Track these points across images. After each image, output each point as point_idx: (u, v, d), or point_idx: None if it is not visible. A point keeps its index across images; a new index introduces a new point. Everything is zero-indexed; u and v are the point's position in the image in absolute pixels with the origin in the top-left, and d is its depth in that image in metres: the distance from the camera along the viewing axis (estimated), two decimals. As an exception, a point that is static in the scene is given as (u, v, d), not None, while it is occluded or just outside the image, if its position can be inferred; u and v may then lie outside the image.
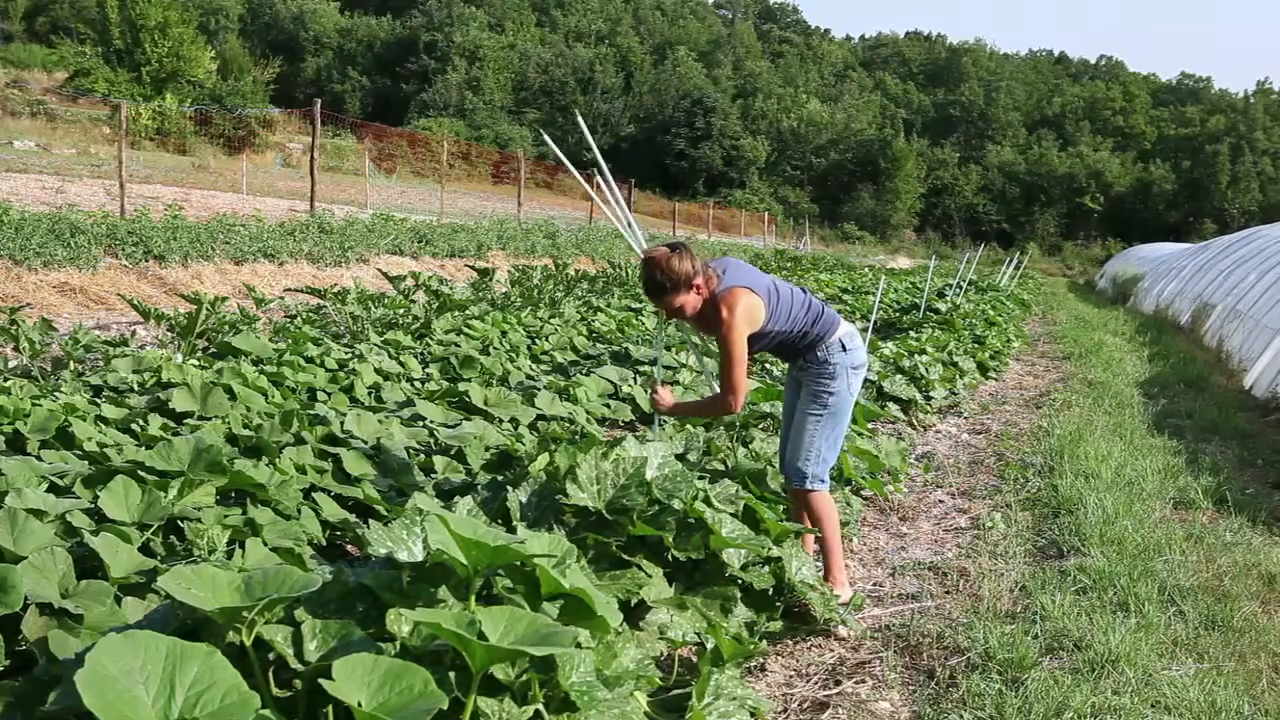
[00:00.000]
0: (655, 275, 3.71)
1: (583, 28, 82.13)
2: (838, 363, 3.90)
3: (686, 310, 3.78)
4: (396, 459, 4.38)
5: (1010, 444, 7.24)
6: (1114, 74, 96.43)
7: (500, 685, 2.26)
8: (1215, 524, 5.34)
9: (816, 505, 3.99)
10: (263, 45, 64.96)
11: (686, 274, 3.70)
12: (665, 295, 3.73)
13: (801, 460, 3.95)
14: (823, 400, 3.92)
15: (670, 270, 3.69)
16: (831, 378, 3.90)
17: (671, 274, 3.69)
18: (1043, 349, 13.93)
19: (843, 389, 3.92)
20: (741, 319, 3.71)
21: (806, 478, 3.96)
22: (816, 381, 3.92)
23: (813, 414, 3.93)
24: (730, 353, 3.72)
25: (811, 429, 3.93)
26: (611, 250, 21.69)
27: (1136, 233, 62.58)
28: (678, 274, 3.69)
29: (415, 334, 8.23)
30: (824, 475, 3.98)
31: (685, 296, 3.73)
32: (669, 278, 3.69)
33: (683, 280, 3.70)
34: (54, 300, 9.60)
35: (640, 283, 3.87)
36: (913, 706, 3.22)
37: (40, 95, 37.00)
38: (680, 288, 3.71)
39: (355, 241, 14.53)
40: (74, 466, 3.56)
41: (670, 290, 3.71)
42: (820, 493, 3.98)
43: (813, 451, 3.94)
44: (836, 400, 3.92)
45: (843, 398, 3.93)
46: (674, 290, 3.71)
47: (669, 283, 3.70)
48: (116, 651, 1.79)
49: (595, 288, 13.77)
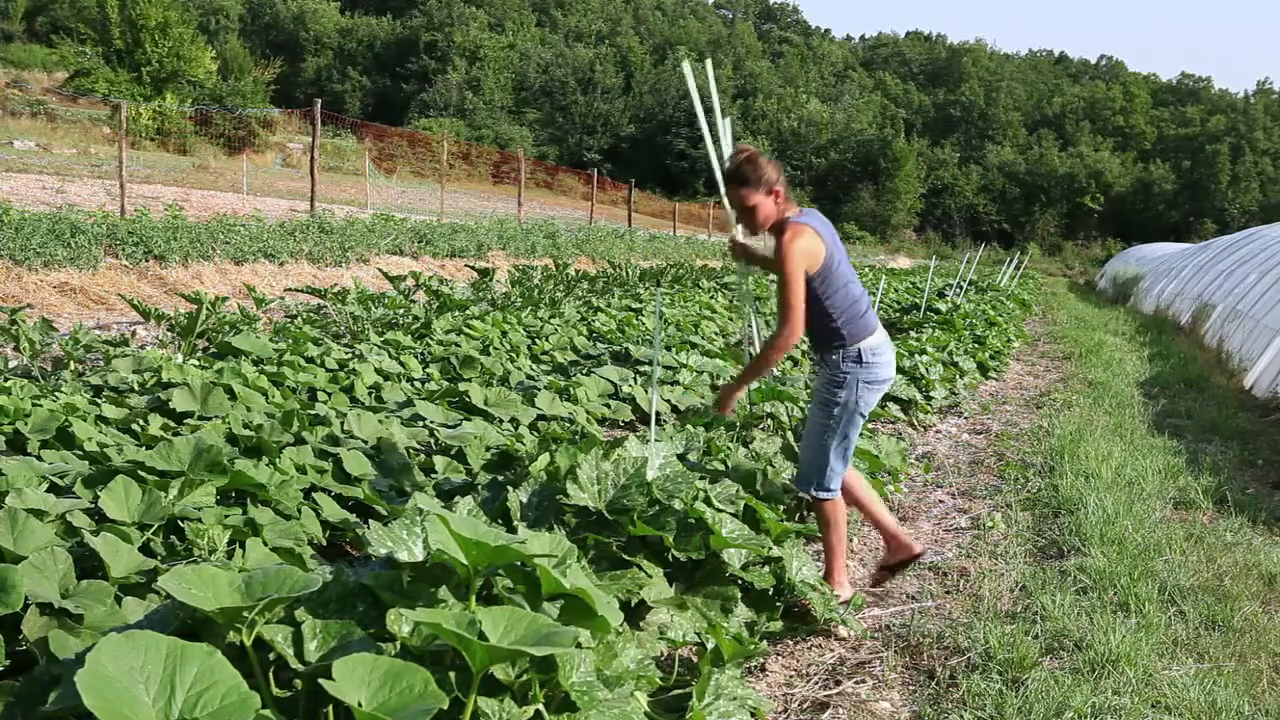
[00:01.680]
0: (743, 165, 3.72)
1: (583, 28, 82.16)
2: (849, 374, 3.78)
3: (758, 216, 3.74)
4: (397, 459, 4.37)
5: (1010, 444, 7.24)
6: (1114, 74, 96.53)
7: (500, 685, 2.26)
8: (1215, 524, 5.33)
9: (823, 510, 3.95)
10: (263, 45, 64.99)
11: (770, 178, 3.69)
12: (745, 187, 3.70)
13: (808, 468, 3.90)
14: (829, 409, 3.82)
15: (758, 166, 3.69)
16: (839, 386, 3.79)
17: (758, 169, 3.68)
18: (1043, 349, 13.93)
19: (849, 400, 3.79)
20: (800, 251, 3.64)
21: (812, 484, 3.91)
22: (825, 388, 3.84)
23: (819, 421, 3.85)
24: (787, 280, 3.64)
25: (818, 438, 3.85)
26: (612, 250, 21.69)
27: (1137, 233, 62.61)
28: (763, 171, 3.68)
29: (415, 334, 8.23)
30: (832, 485, 3.89)
31: (761, 198, 3.71)
32: (755, 173, 3.68)
33: (764, 180, 3.69)
34: (54, 300, 9.59)
35: (725, 174, 3.82)
36: (913, 706, 3.22)
37: (40, 95, 37.01)
38: (760, 187, 3.69)
39: (355, 241, 14.53)
40: (74, 466, 3.56)
41: (751, 184, 3.69)
42: (830, 499, 3.91)
43: (819, 461, 3.86)
44: (841, 412, 3.80)
45: (848, 411, 3.80)
46: (755, 186, 3.68)
47: (753, 177, 3.68)
48: (117, 651, 1.79)
49: (595, 288, 13.77)
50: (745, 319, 4.76)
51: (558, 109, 70.26)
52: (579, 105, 70.22)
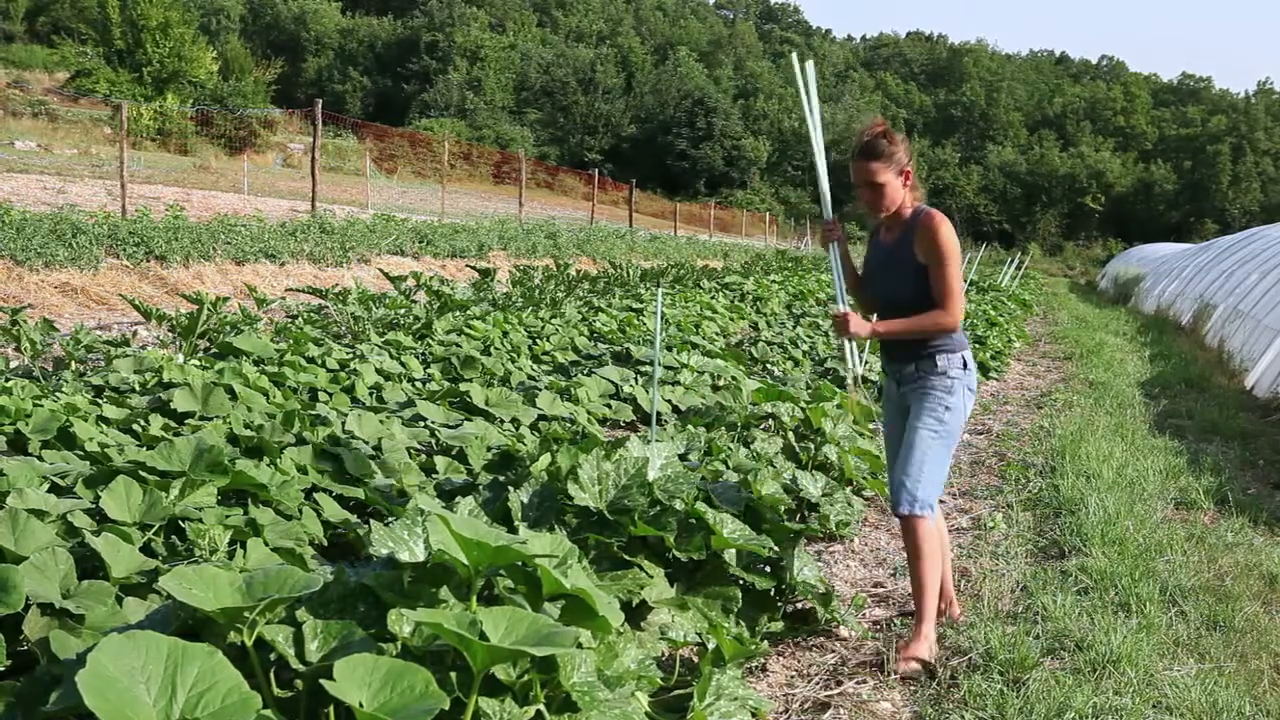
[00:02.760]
0: (879, 138, 3.51)
1: (584, 28, 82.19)
2: (957, 378, 3.57)
3: (885, 197, 3.54)
4: (398, 459, 4.37)
5: (1012, 444, 7.24)
6: (1115, 74, 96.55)
7: (501, 685, 2.26)
8: (1217, 524, 5.33)
9: (920, 535, 3.52)
10: (264, 45, 65.01)
11: (903, 157, 3.52)
12: (877, 160, 3.49)
13: (911, 479, 3.52)
14: (939, 415, 3.54)
15: (893, 141, 3.51)
16: (949, 392, 3.55)
17: (893, 145, 3.50)
18: (1044, 349, 13.92)
19: (959, 407, 3.57)
20: (954, 239, 3.49)
21: (916, 501, 3.51)
22: (932, 395, 3.56)
23: (928, 429, 3.54)
24: (947, 267, 3.45)
25: (924, 445, 3.53)
26: (613, 250, 21.70)
27: (1138, 233, 62.60)
28: (897, 148, 3.50)
29: (416, 334, 8.23)
30: (933, 501, 3.55)
31: (891, 177, 3.52)
32: (890, 148, 3.49)
33: (896, 159, 3.51)
34: (55, 300, 9.60)
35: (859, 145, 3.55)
36: (914, 707, 3.22)
37: (41, 95, 37.03)
38: (892, 164, 3.50)
39: (356, 242, 14.54)
40: (75, 467, 3.55)
41: (884, 158, 3.49)
42: (926, 520, 3.52)
43: (925, 471, 3.52)
44: (953, 418, 3.56)
45: (958, 417, 3.58)
46: (887, 162, 3.49)
47: (887, 151, 3.49)
48: (118, 652, 1.79)
49: (596, 288, 13.77)
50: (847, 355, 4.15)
51: (559, 109, 70.29)
52: (580, 105, 70.26)
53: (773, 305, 14.11)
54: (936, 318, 3.50)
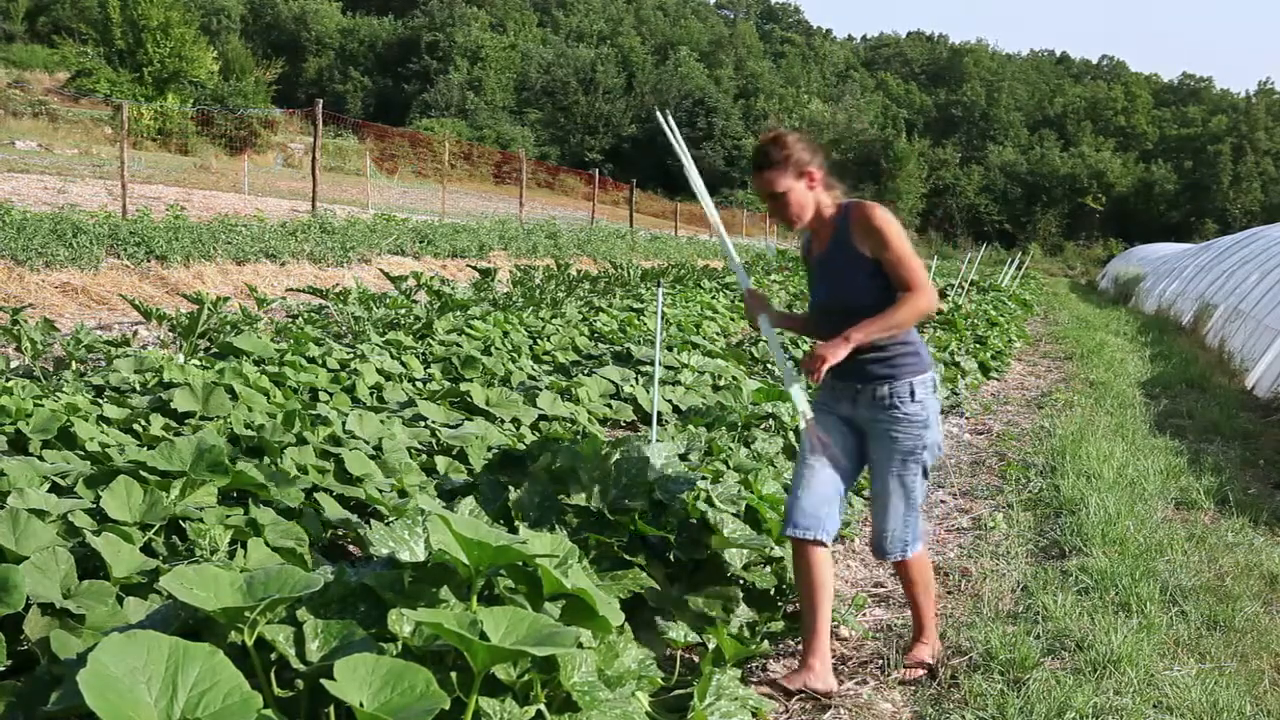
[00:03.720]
0: (767, 146, 3.21)
1: (584, 28, 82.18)
2: (932, 408, 3.25)
3: (790, 203, 3.21)
4: (398, 459, 4.38)
5: (1012, 444, 7.23)
6: (1116, 74, 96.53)
7: (502, 685, 2.26)
8: (1217, 524, 5.33)
9: (917, 570, 3.38)
10: (264, 45, 64.98)
11: (802, 158, 3.18)
12: (770, 170, 3.18)
13: (902, 527, 3.29)
14: (917, 455, 3.23)
15: (785, 145, 3.19)
16: (925, 426, 3.22)
17: (784, 149, 3.18)
18: (1044, 349, 13.92)
19: (934, 440, 3.27)
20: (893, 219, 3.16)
21: (909, 546, 3.33)
22: (908, 432, 3.21)
23: (913, 475, 3.26)
24: (898, 247, 3.13)
25: (908, 492, 3.26)
26: (613, 250, 21.70)
27: (1138, 233, 62.55)
28: (791, 151, 3.17)
29: (417, 334, 8.23)
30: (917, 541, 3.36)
31: (793, 182, 3.18)
32: (781, 152, 3.17)
33: (794, 161, 3.17)
34: (56, 300, 9.60)
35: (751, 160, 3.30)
36: (914, 707, 3.22)
37: (42, 95, 37.02)
38: (789, 169, 3.17)
39: (357, 242, 14.54)
40: (76, 466, 3.56)
41: (778, 166, 3.17)
42: (919, 556, 3.38)
43: (911, 515, 3.30)
44: (929, 455, 3.27)
45: (932, 450, 3.28)
46: (782, 168, 3.17)
47: (779, 157, 3.17)
48: (119, 651, 1.79)
49: (597, 288, 13.77)
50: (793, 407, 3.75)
51: (559, 109, 70.27)
52: (580, 105, 70.25)
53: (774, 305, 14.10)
54: (912, 302, 3.10)
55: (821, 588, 3.21)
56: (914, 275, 3.12)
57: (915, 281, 3.11)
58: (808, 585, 3.23)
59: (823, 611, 3.22)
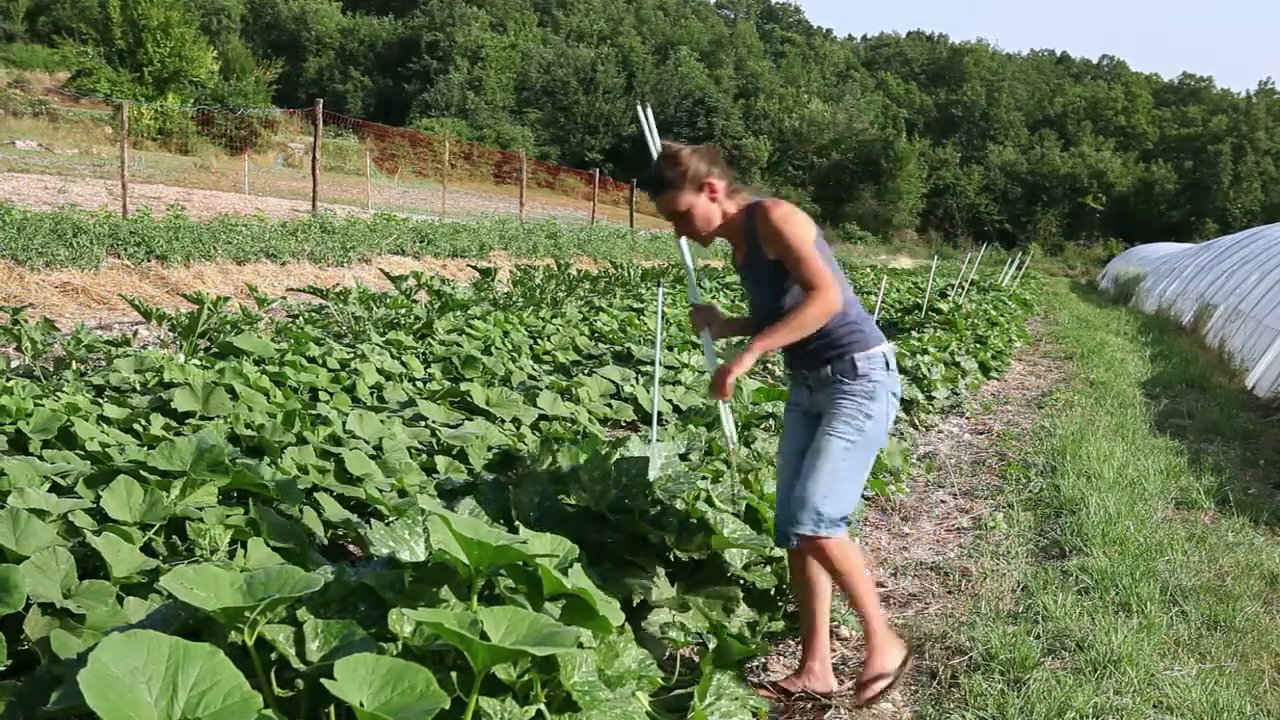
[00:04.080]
0: (659, 168, 3.11)
1: (585, 27, 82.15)
2: (880, 381, 3.07)
3: (694, 218, 3.12)
4: (398, 459, 4.38)
5: (1012, 444, 7.23)
6: (1116, 74, 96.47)
7: (502, 685, 2.26)
8: (1217, 524, 5.33)
9: (832, 554, 3.03)
10: (265, 45, 64.96)
11: (698, 170, 3.07)
12: (668, 191, 3.10)
13: (819, 494, 2.99)
14: (857, 423, 3.03)
15: (678, 161, 3.08)
16: (870, 398, 3.05)
17: (678, 165, 3.08)
18: (1045, 349, 13.92)
19: (881, 415, 3.08)
20: (796, 218, 3.02)
21: (822, 519, 2.99)
22: (851, 400, 3.05)
23: (843, 438, 3.03)
24: (797, 247, 2.98)
25: (837, 456, 3.02)
26: (613, 250, 21.70)
27: (1139, 233, 62.49)
28: (685, 166, 3.07)
29: (417, 334, 8.23)
30: (840, 519, 3.04)
31: (692, 198, 3.09)
32: (675, 170, 3.07)
33: (690, 177, 3.07)
34: (56, 300, 9.60)
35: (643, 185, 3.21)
36: (915, 706, 3.22)
37: (42, 95, 37.02)
38: (687, 185, 3.08)
39: (357, 241, 14.55)
40: (76, 466, 3.56)
41: (674, 185, 3.08)
42: (838, 538, 3.03)
43: (836, 485, 3.01)
44: (874, 427, 3.06)
45: (880, 426, 3.09)
46: (680, 186, 3.08)
47: (673, 176, 3.08)
48: (119, 651, 1.79)
49: (597, 288, 13.77)
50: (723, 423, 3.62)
51: (559, 109, 70.24)
52: (581, 105, 70.21)
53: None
54: (813, 304, 2.96)
55: (817, 589, 3.22)
56: (813, 275, 2.98)
57: (815, 281, 2.97)
58: (804, 588, 3.24)
59: (820, 613, 3.24)
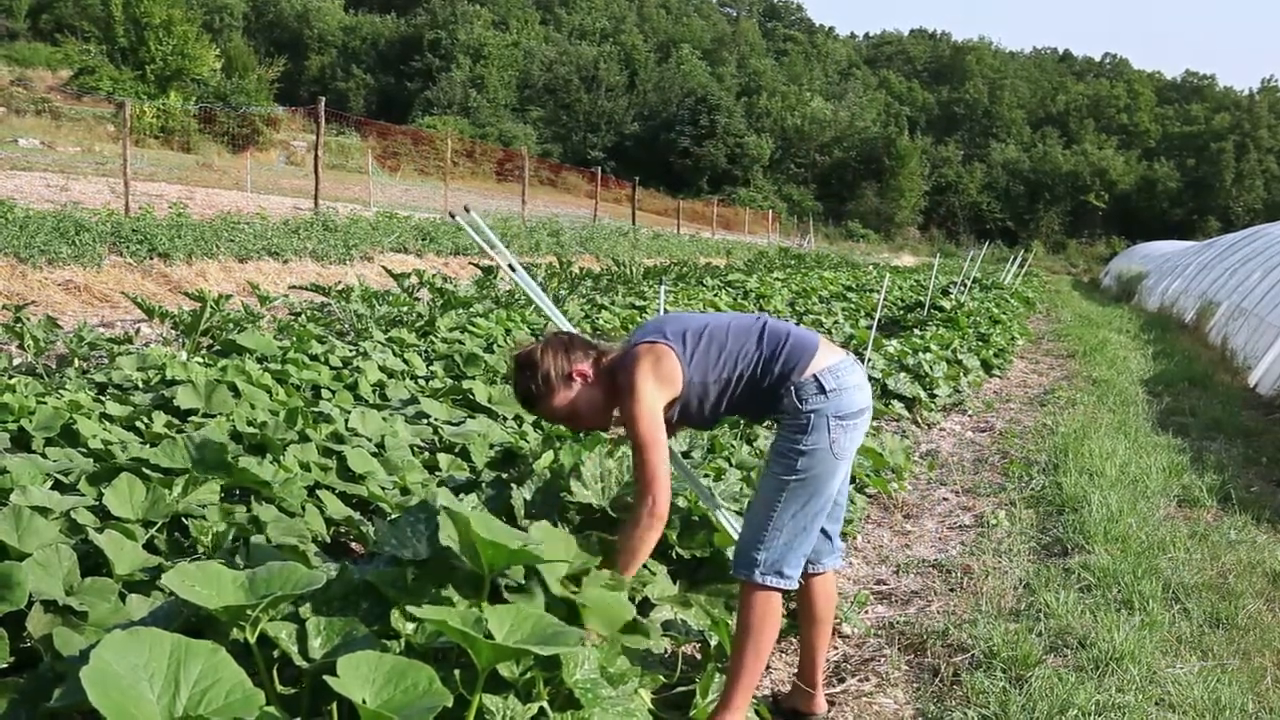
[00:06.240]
0: (521, 381, 2.82)
1: (587, 25, 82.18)
2: (814, 410, 2.71)
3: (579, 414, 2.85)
4: (401, 456, 4.38)
5: (1014, 441, 7.23)
6: (1118, 72, 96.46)
7: (505, 682, 2.26)
8: (1219, 522, 5.33)
9: (753, 608, 2.74)
10: (267, 43, 65.02)
11: (559, 367, 2.78)
12: (537, 402, 2.82)
13: (754, 541, 2.75)
14: (788, 461, 2.72)
15: (539, 363, 2.79)
16: (804, 430, 2.71)
17: (540, 367, 2.78)
18: (1047, 347, 13.91)
19: (819, 446, 2.71)
20: (644, 378, 2.69)
21: (757, 566, 2.73)
22: (784, 437, 2.76)
23: (775, 477, 2.75)
24: (638, 432, 2.66)
25: (771, 501, 2.74)
26: (615, 248, 21.70)
27: (1141, 230, 62.46)
28: (547, 365, 2.78)
29: (419, 332, 8.23)
30: (786, 569, 2.74)
31: (564, 395, 2.80)
32: (538, 373, 2.78)
33: (554, 376, 2.78)
34: (59, 298, 9.61)
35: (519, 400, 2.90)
36: (917, 704, 3.22)
37: (44, 93, 37.07)
38: (552, 385, 2.78)
39: (359, 239, 14.55)
40: (78, 464, 3.56)
41: (542, 394, 2.79)
42: (767, 592, 2.74)
43: (770, 531, 2.73)
44: (809, 463, 2.71)
45: (820, 459, 2.71)
46: (547, 391, 2.79)
47: (538, 385, 2.79)
48: (121, 648, 1.80)
49: (599, 285, 13.77)
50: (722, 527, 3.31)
51: (561, 107, 70.26)
52: (583, 103, 70.23)
53: (775, 303, 14.09)
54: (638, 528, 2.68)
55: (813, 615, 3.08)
56: (643, 469, 2.66)
57: (642, 479, 2.66)
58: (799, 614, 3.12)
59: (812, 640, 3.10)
